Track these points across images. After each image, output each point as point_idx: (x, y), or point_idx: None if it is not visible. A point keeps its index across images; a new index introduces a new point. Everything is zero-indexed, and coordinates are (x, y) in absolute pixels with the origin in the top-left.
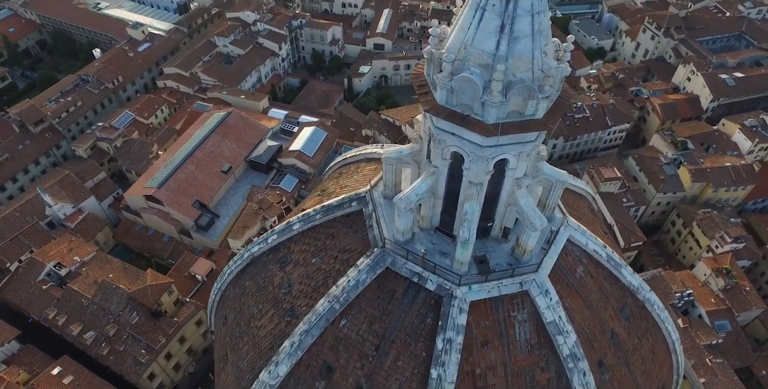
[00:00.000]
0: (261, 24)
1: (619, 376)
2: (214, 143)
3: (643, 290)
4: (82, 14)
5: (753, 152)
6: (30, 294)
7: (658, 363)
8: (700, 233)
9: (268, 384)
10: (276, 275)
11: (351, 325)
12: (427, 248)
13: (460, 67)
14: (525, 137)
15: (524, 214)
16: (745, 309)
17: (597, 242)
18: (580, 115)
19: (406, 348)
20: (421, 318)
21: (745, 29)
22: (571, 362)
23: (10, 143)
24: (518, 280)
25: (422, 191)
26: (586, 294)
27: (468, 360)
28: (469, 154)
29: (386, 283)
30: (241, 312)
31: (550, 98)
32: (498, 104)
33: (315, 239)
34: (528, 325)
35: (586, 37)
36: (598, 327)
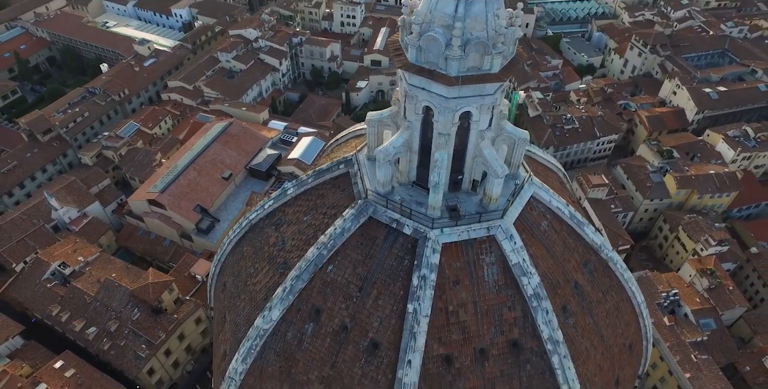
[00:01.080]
0: (262, 41)
1: (583, 324)
2: (215, 151)
3: (605, 249)
4: (91, 32)
5: (736, 161)
6: (35, 291)
7: (623, 322)
8: (686, 237)
9: (262, 329)
10: (271, 236)
11: (337, 270)
12: (404, 198)
13: (426, 28)
14: (484, 89)
15: (488, 163)
16: (728, 307)
17: (560, 201)
18: (570, 126)
19: (386, 288)
20: (399, 260)
21: (728, 47)
22: (535, 301)
23: (18, 151)
24: (485, 225)
25: (399, 143)
26: (550, 245)
27: (441, 297)
28: (437, 106)
29: (369, 231)
30: (239, 275)
31: (503, 55)
32: (458, 58)
33: (307, 200)
34: (495, 267)
35: (576, 55)
36: (562, 276)
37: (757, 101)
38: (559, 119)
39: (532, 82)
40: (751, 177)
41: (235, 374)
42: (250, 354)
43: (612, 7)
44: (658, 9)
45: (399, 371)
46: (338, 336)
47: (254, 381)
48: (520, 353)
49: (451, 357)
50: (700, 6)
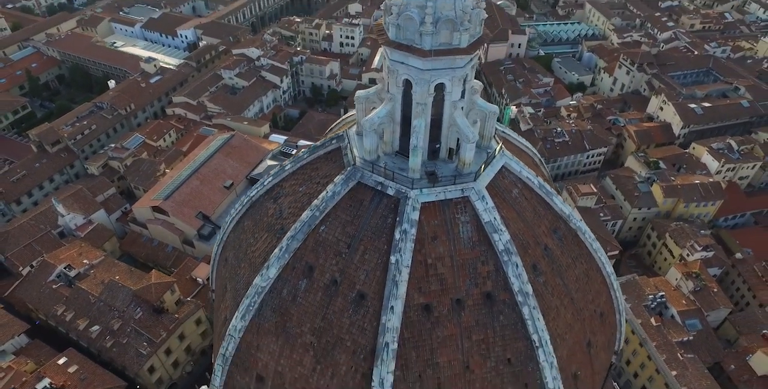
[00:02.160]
0: (264, 59)
1: (553, 284)
2: (217, 162)
3: (574, 219)
4: (100, 51)
5: (721, 172)
6: (40, 292)
7: (594, 289)
8: (673, 244)
9: (260, 286)
10: (270, 208)
11: (328, 229)
12: (388, 164)
13: (404, 9)
14: (454, 62)
15: (460, 130)
16: (713, 308)
17: (530, 172)
18: (560, 139)
19: (372, 244)
20: (384, 219)
21: (712, 66)
22: (506, 256)
23: (28, 161)
24: (460, 187)
25: (383, 114)
26: (520, 210)
27: (420, 251)
28: (415, 78)
29: (357, 194)
30: (239, 248)
31: (470, 32)
32: (431, 33)
33: (303, 174)
34: (470, 225)
35: (567, 73)
36: (532, 239)
37: (740, 116)
38: (550, 132)
39: (524, 98)
40: (736, 188)
41: (235, 331)
42: (249, 311)
43: (601, 29)
44: (646, 31)
45: (383, 317)
46: (329, 290)
47: (252, 338)
48: (493, 304)
49: (430, 306)
50: (686, 28)
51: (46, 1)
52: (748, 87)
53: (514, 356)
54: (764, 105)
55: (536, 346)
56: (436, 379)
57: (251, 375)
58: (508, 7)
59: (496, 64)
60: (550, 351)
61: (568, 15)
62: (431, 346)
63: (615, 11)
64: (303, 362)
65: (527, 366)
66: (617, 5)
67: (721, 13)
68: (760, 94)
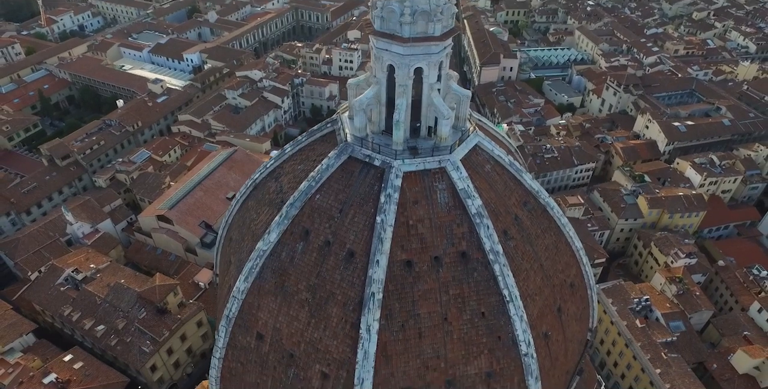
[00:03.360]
0: (266, 81)
1: (523, 249)
2: (220, 175)
3: (543, 195)
4: (109, 72)
5: (704, 185)
6: (49, 294)
7: (563, 261)
8: (658, 252)
9: (261, 250)
10: (272, 186)
11: (323, 198)
12: (375, 140)
13: (387, 4)
14: (430, 49)
15: (437, 108)
16: (695, 310)
17: (501, 151)
18: (549, 155)
19: (360, 208)
20: (371, 186)
21: (695, 87)
22: (478, 219)
23: (38, 174)
24: (437, 159)
25: (371, 95)
26: (492, 182)
27: (403, 213)
28: (397, 63)
29: (348, 166)
30: (243, 224)
31: (442, 23)
32: (409, 23)
33: (301, 155)
34: (446, 192)
35: (557, 95)
36: (503, 208)
37: (722, 134)
38: (540, 148)
39: (515, 117)
40: (719, 201)
41: (239, 293)
42: (252, 273)
43: (590, 54)
44: (632, 55)
45: (369, 270)
46: (322, 250)
47: (253, 299)
48: (468, 262)
49: (411, 262)
50: (670, 53)
51: (58, 28)
52: (729, 107)
53: (487, 310)
54: (744, 124)
55: (507, 301)
56: (418, 329)
57: (252, 334)
58: (501, 34)
59: (488, 87)
60: (520, 306)
61: (559, 41)
62: (413, 298)
63: (603, 38)
64: (299, 317)
65: (500, 320)
66: (605, 32)
67: (703, 40)
68: (740, 113)
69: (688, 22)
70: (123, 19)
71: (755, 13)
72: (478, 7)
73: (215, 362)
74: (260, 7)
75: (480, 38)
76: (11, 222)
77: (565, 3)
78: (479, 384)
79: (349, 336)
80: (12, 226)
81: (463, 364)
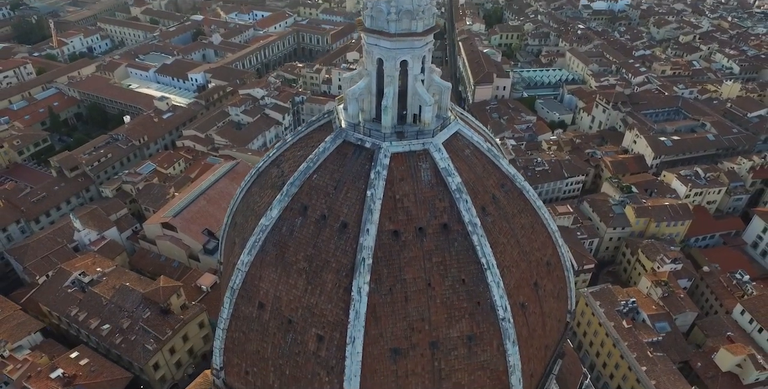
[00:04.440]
0: (268, 98)
1: (500, 225)
2: (223, 185)
3: (519, 179)
4: (116, 90)
5: (689, 196)
6: (56, 296)
7: (539, 240)
8: (644, 258)
9: (264, 225)
10: (274, 172)
11: (319, 177)
12: (366, 126)
13: (376, 4)
14: (413, 43)
15: (420, 96)
16: (680, 311)
17: (480, 138)
18: (540, 168)
19: (353, 184)
20: (362, 166)
21: (681, 105)
22: (458, 194)
23: (48, 185)
24: (421, 141)
25: (362, 85)
26: (471, 165)
27: (390, 188)
28: (385, 56)
29: (342, 149)
30: (247, 208)
31: (423, 21)
32: (395, 21)
33: (300, 143)
34: (429, 171)
35: (549, 113)
36: (482, 187)
37: (707, 149)
38: (531, 161)
39: (507, 132)
40: (704, 211)
41: (242, 265)
42: (255, 246)
43: (581, 74)
44: (621, 75)
45: (360, 238)
46: (319, 223)
47: (256, 271)
48: (449, 233)
49: (398, 232)
50: (657, 74)
51: (68, 50)
52: (714, 123)
53: (467, 277)
54: (728, 138)
55: (485, 269)
56: (404, 293)
57: (254, 304)
58: (494, 55)
59: (482, 105)
60: (497, 274)
61: (551, 63)
62: (399, 265)
63: (593, 59)
64: (297, 285)
65: (479, 287)
66: (594, 54)
67: (689, 62)
68: (725, 129)
69: (675, 45)
70: (130, 41)
71: (739, 37)
72: (472, 30)
73: (219, 333)
74: (263, 30)
75: (474, 59)
76: (20, 230)
77: (556, 27)
78: (461, 346)
79: (342, 299)
80: (21, 233)
81: (446, 327)
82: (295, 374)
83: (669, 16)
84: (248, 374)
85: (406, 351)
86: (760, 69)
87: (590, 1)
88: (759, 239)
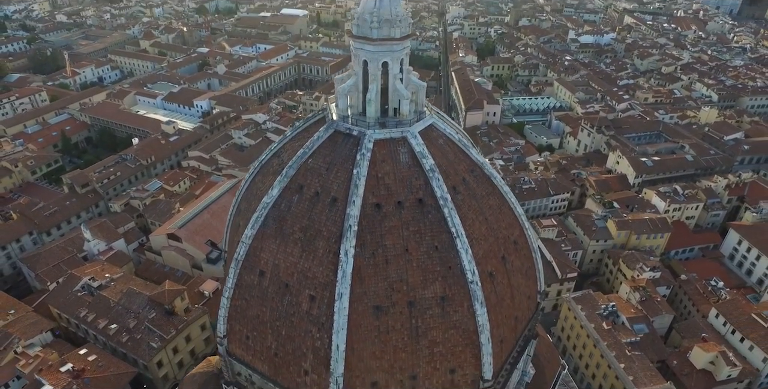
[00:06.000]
0: (270, 123)
1: (469, 203)
2: (226, 200)
3: (487, 167)
4: (125, 115)
5: (668, 211)
6: (66, 299)
7: (506, 221)
8: (625, 267)
9: (265, 203)
10: (275, 162)
11: (314, 161)
12: (354, 118)
13: (361, 15)
14: (392, 47)
15: (399, 92)
16: (657, 313)
17: (453, 130)
18: (527, 186)
19: (342, 165)
20: (350, 150)
21: (662, 129)
22: (431, 173)
23: (60, 200)
24: (400, 130)
25: (351, 83)
26: (444, 152)
27: (373, 168)
28: (369, 58)
29: (333, 137)
30: (251, 195)
31: (400, 29)
32: (377, 28)
33: (298, 136)
34: (407, 154)
35: (537, 137)
36: (453, 170)
37: (686, 169)
38: (518, 180)
39: (495, 153)
40: (684, 226)
41: (246, 238)
42: (257, 221)
43: (568, 102)
44: (605, 102)
45: (347, 208)
46: (313, 199)
47: (257, 243)
48: (424, 206)
49: (380, 205)
50: (640, 101)
51: (80, 79)
52: (692, 145)
53: (440, 244)
54: (705, 159)
55: (455, 237)
56: (385, 257)
57: (255, 272)
58: (485, 84)
59: (473, 130)
60: (465, 242)
61: (539, 92)
62: (381, 232)
63: (579, 87)
64: (293, 253)
65: (450, 253)
66: (581, 83)
67: (670, 90)
68: (703, 151)
69: (657, 75)
70: (139, 72)
71: (717, 68)
72: (465, 62)
73: (224, 302)
74: (265, 61)
75: (466, 87)
76: (33, 241)
77: (545, 59)
78: (435, 306)
79: (331, 262)
80: (33, 245)
81: (422, 288)
82: (290, 333)
83: (652, 49)
84: (248, 339)
85: (387, 309)
86: (738, 97)
87: (578, 35)
88: (735, 251)
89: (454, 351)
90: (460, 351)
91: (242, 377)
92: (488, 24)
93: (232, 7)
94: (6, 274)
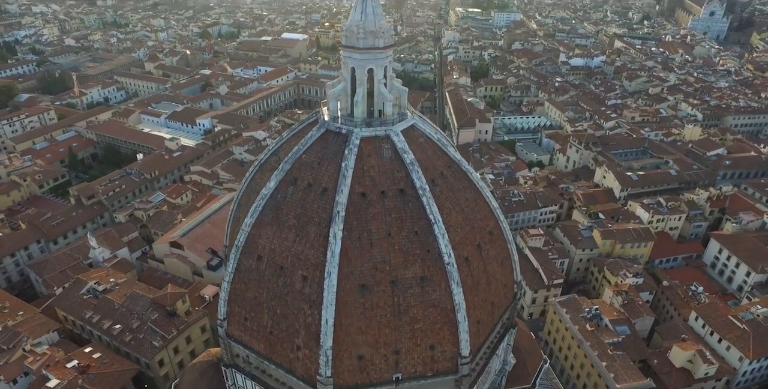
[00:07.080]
0: (269, 140)
1: (446, 194)
2: (227, 211)
3: (464, 164)
4: (130, 132)
5: (652, 222)
6: (73, 302)
7: (482, 213)
8: (609, 274)
9: (264, 194)
10: (272, 159)
11: (307, 156)
12: (343, 118)
13: (349, 27)
14: (377, 55)
15: (382, 94)
16: (638, 315)
17: (432, 130)
18: (516, 198)
19: (332, 160)
20: (339, 146)
21: (648, 146)
22: (411, 167)
23: (66, 210)
24: (384, 129)
25: (340, 88)
26: (424, 149)
27: (360, 162)
28: (356, 65)
29: (325, 136)
30: (251, 191)
31: (384, 39)
32: (363, 39)
33: (294, 137)
34: (390, 150)
35: (528, 154)
36: (432, 165)
37: (670, 183)
38: (508, 193)
39: (486, 168)
40: (668, 237)
41: (246, 226)
42: (256, 211)
43: (558, 120)
44: (594, 121)
45: (336, 196)
46: (306, 190)
47: (256, 231)
48: (404, 196)
49: (365, 194)
50: (627, 120)
51: (87, 99)
52: (676, 160)
53: (420, 230)
54: (689, 174)
55: (432, 223)
56: (369, 240)
57: (254, 257)
58: (478, 103)
59: (465, 146)
60: (442, 227)
61: (531, 111)
62: (366, 218)
63: (569, 107)
64: (288, 238)
65: (428, 238)
66: (571, 103)
67: (657, 110)
68: (686, 166)
69: (645, 96)
70: (144, 92)
71: (702, 89)
72: (459, 83)
73: (225, 286)
74: (266, 83)
75: (459, 107)
76: (40, 250)
77: (536, 80)
78: (415, 286)
79: (322, 245)
80: (41, 253)
81: (403, 269)
82: (284, 312)
83: (641, 71)
84: (246, 320)
85: (371, 287)
86: (722, 116)
87: (568, 58)
88: (716, 259)
89: (434, 328)
90: (438, 328)
91: (240, 358)
92: (482, 48)
93: (234, 32)
94: (14, 280)
